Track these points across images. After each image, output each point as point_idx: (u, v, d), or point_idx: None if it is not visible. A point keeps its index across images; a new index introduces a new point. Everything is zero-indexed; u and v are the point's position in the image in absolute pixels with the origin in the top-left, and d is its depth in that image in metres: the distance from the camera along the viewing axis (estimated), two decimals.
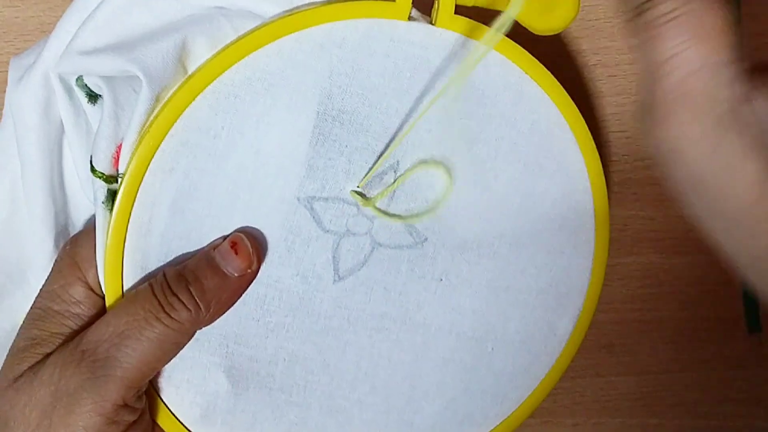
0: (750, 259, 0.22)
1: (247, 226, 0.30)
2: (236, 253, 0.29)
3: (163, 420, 0.31)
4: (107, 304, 0.29)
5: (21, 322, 0.32)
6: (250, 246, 0.29)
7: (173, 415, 0.31)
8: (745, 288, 0.43)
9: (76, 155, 0.31)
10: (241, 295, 0.30)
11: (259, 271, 0.30)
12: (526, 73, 0.31)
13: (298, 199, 0.30)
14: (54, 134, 0.31)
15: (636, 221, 0.42)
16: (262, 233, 0.30)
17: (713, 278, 0.42)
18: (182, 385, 0.31)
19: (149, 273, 0.29)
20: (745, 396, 0.43)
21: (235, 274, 0.29)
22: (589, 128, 0.39)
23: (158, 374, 0.30)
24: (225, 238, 0.30)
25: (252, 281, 0.30)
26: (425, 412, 0.34)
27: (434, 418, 0.34)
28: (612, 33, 0.40)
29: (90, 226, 0.31)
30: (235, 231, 0.30)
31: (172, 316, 0.28)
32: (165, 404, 0.31)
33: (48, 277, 0.31)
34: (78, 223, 0.33)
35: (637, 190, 0.41)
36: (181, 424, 0.31)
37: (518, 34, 0.31)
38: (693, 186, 0.22)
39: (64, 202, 0.33)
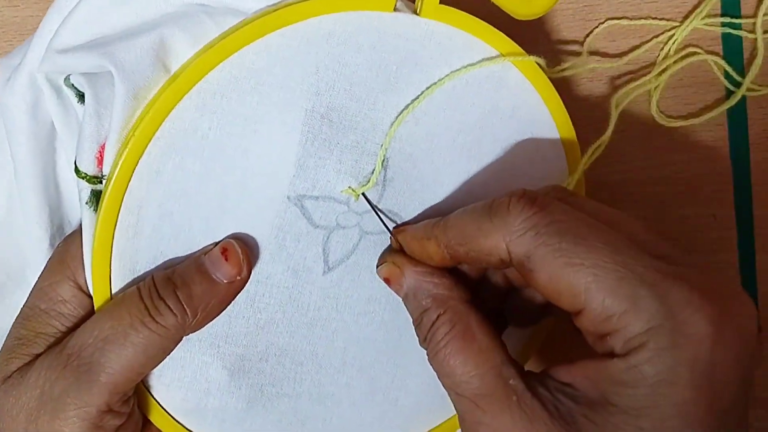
0: None
1: (240, 233, 0.30)
2: (226, 260, 0.29)
3: (154, 416, 0.31)
4: (95, 306, 0.29)
5: None
6: (240, 253, 0.29)
7: (164, 410, 0.31)
8: (745, 288, 0.42)
9: (69, 155, 0.31)
10: (230, 302, 0.30)
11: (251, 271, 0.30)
12: (509, 60, 0.31)
13: (289, 198, 0.30)
14: (44, 134, 0.31)
15: None
16: (254, 239, 0.30)
17: None
18: (173, 384, 0.31)
19: (139, 275, 0.29)
20: None
21: (224, 281, 0.29)
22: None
23: (149, 373, 0.30)
24: (217, 243, 0.29)
25: (242, 288, 0.30)
26: (409, 390, 0.34)
27: (417, 395, 0.34)
28: (612, 33, 0.40)
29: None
30: (228, 237, 0.30)
31: (158, 321, 0.28)
32: (156, 401, 0.31)
33: (40, 275, 0.31)
34: (74, 221, 0.33)
35: (636, 190, 0.41)
36: (173, 419, 0.31)
37: (519, 32, 0.31)
38: None
39: (59, 201, 0.33)
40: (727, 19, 0.40)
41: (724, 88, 0.40)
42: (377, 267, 0.31)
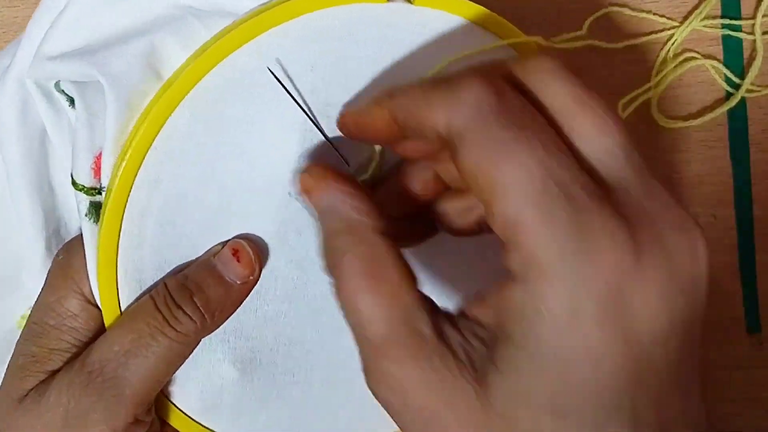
0: None
1: (248, 233, 0.30)
2: (238, 261, 0.29)
3: (172, 418, 0.31)
4: (105, 319, 0.29)
5: (17, 325, 0.32)
6: (251, 252, 0.29)
7: (181, 411, 0.31)
8: (745, 288, 0.42)
9: (62, 157, 0.30)
10: (243, 301, 0.30)
11: None
12: (509, 45, 0.31)
13: (290, 194, 0.30)
14: (36, 136, 0.31)
15: None
16: (261, 238, 0.30)
17: (713, 278, 0.42)
18: (187, 384, 0.31)
19: (145, 284, 0.29)
20: (745, 396, 0.43)
21: (238, 282, 0.29)
22: None
23: None
24: (224, 244, 0.29)
25: (254, 287, 0.30)
26: None
27: None
28: (612, 33, 0.40)
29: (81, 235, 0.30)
30: (235, 237, 0.30)
31: (177, 329, 0.28)
32: (171, 402, 0.31)
33: (42, 289, 0.30)
34: (71, 224, 0.33)
35: None
36: (189, 417, 0.31)
37: (517, 20, 0.31)
38: (420, 417, 0.23)
39: (53, 203, 0.33)
40: (727, 21, 0.40)
41: (723, 88, 0.40)
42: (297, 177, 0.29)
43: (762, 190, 0.41)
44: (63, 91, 0.30)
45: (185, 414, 0.31)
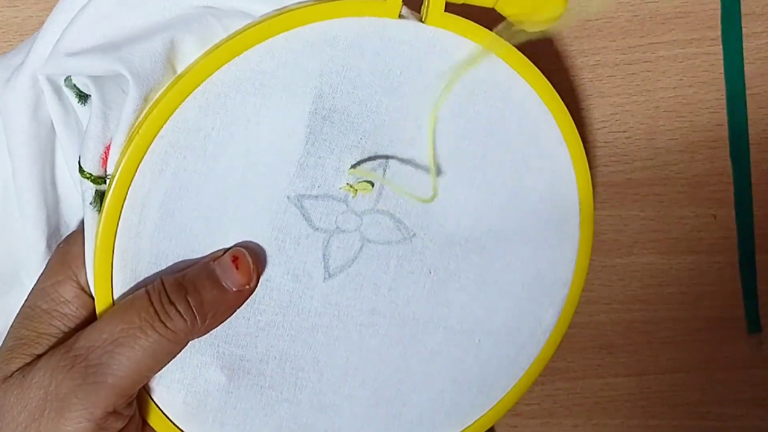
0: None
1: (245, 240, 0.30)
2: (237, 268, 0.29)
3: (153, 419, 0.31)
4: (97, 306, 0.29)
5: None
6: (251, 261, 0.29)
7: (164, 414, 0.31)
8: (745, 288, 0.43)
9: (68, 156, 0.31)
10: (237, 309, 0.30)
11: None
12: (515, 70, 0.31)
13: (288, 198, 0.30)
14: (44, 135, 0.31)
15: (636, 221, 0.42)
16: (255, 242, 0.30)
17: (713, 278, 0.42)
18: (173, 386, 0.30)
19: (139, 275, 0.29)
20: (745, 396, 0.43)
21: (234, 289, 0.29)
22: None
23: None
24: (226, 250, 0.29)
25: (249, 297, 0.30)
26: (413, 404, 0.34)
27: (422, 410, 0.34)
28: (612, 33, 0.40)
29: (83, 225, 0.31)
30: (236, 245, 0.30)
31: (168, 325, 0.28)
32: (155, 404, 0.31)
33: (40, 275, 0.30)
34: (71, 223, 0.33)
35: (637, 190, 0.41)
36: (172, 423, 0.31)
37: None
38: None
39: (56, 203, 0.33)
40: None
41: (723, 88, 0.41)
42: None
43: (762, 190, 0.41)
44: (74, 86, 0.30)
45: (167, 417, 0.31)
